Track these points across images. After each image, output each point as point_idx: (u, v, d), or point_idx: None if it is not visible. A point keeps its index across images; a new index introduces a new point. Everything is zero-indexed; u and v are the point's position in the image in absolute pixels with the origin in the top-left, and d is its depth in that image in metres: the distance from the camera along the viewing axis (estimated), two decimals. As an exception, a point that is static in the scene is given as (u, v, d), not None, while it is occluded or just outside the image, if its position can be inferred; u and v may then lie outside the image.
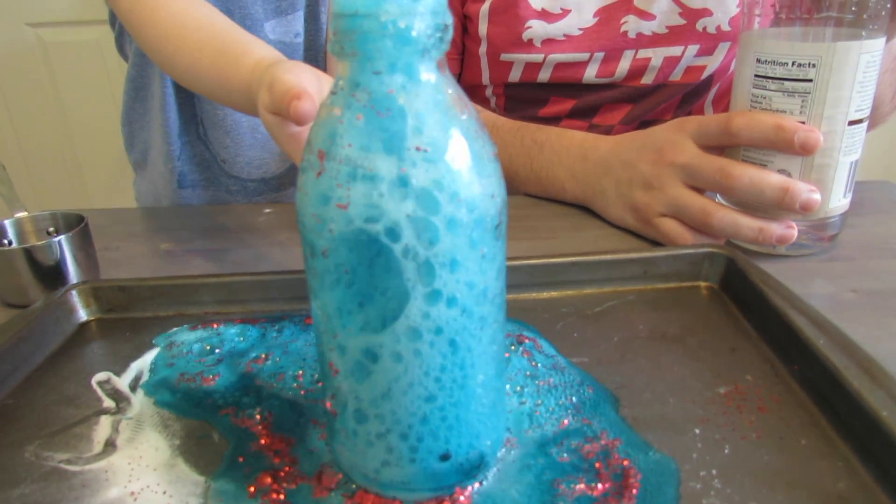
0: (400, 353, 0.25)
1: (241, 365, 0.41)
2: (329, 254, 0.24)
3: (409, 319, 0.25)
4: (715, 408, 0.35)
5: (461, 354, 0.26)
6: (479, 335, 0.26)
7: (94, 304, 0.48)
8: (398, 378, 0.26)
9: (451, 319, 0.25)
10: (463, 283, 0.25)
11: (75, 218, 0.55)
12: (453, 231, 0.24)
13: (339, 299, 0.25)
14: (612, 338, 0.42)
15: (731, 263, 0.46)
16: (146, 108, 0.76)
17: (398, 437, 0.27)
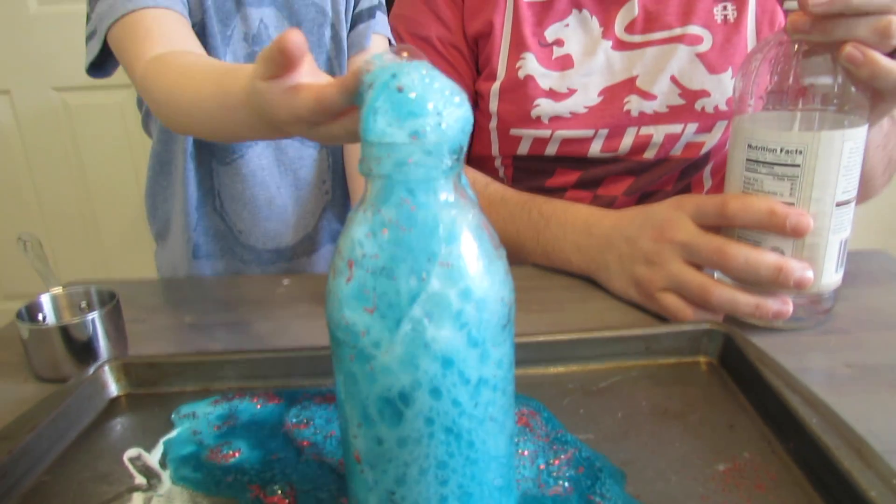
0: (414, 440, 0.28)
1: (263, 440, 0.43)
2: (355, 358, 0.27)
3: (424, 413, 0.27)
4: (714, 485, 0.37)
5: (472, 444, 0.28)
6: (490, 424, 0.29)
7: (124, 380, 0.51)
8: (414, 465, 0.28)
9: (465, 414, 0.28)
10: (476, 385, 0.27)
11: (107, 294, 0.58)
12: (466, 332, 0.27)
13: (361, 392, 0.28)
14: (617, 413, 0.44)
15: (729, 340, 0.48)
16: (169, 182, 0.80)
17: None
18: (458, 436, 0.28)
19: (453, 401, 0.27)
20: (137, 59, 0.60)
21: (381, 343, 0.26)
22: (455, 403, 0.27)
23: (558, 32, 0.79)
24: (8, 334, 0.62)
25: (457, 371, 0.27)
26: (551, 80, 0.78)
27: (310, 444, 0.42)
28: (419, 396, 0.27)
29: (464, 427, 0.28)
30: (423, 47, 0.84)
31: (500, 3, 0.80)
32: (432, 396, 0.27)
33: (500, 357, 0.28)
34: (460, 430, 0.28)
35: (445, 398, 0.27)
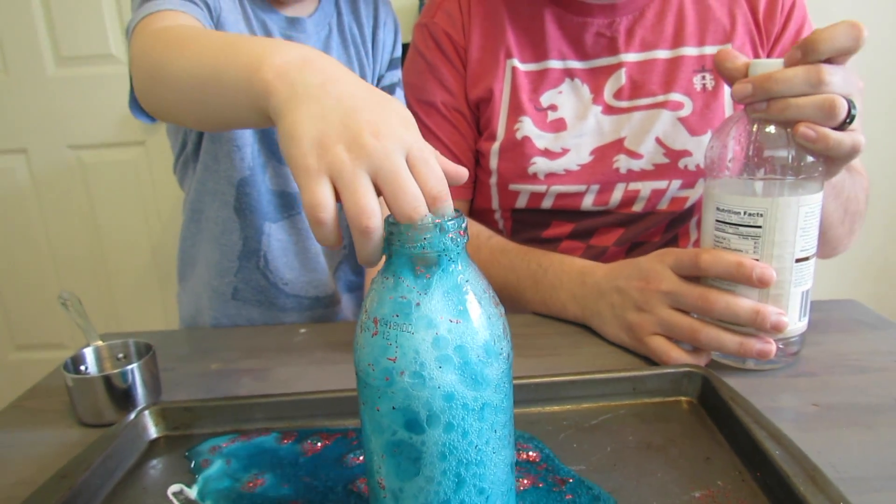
0: (431, 472, 0.33)
1: (290, 475, 0.48)
2: (381, 399, 0.33)
3: (439, 445, 0.33)
4: (690, 510, 0.42)
5: (479, 470, 0.34)
6: (493, 454, 0.35)
7: (162, 423, 0.56)
8: (430, 489, 0.34)
9: (471, 449, 0.33)
10: (481, 422, 0.33)
11: (143, 346, 0.64)
12: (471, 377, 0.32)
13: (384, 427, 0.34)
14: (606, 448, 0.49)
15: (707, 382, 0.54)
16: (199, 229, 0.85)
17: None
18: (466, 464, 0.33)
19: (463, 432, 0.33)
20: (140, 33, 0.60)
21: (401, 386, 0.32)
22: (464, 434, 0.33)
23: (552, 98, 0.87)
24: (49, 384, 0.68)
25: (463, 407, 0.32)
26: (546, 141, 0.85)
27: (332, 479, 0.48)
28: (433, 430, 0.32)
29: (471, 456, 0.33)
30: (429, 111, 0.92)
31: (500, 72, 0.87)
32: (445, 430, 0.32)
33: (501, 397, 0.34)
34: (468, 458, 0.33)
35: (456, 430, 0.32)
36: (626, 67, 0.85)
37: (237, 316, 0.87)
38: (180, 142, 0.84)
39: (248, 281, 0.85)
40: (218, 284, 0.85)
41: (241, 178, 0.80)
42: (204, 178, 0.81)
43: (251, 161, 0.79)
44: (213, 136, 0.78)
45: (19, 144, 1.72)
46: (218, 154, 0.79)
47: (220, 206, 0.82)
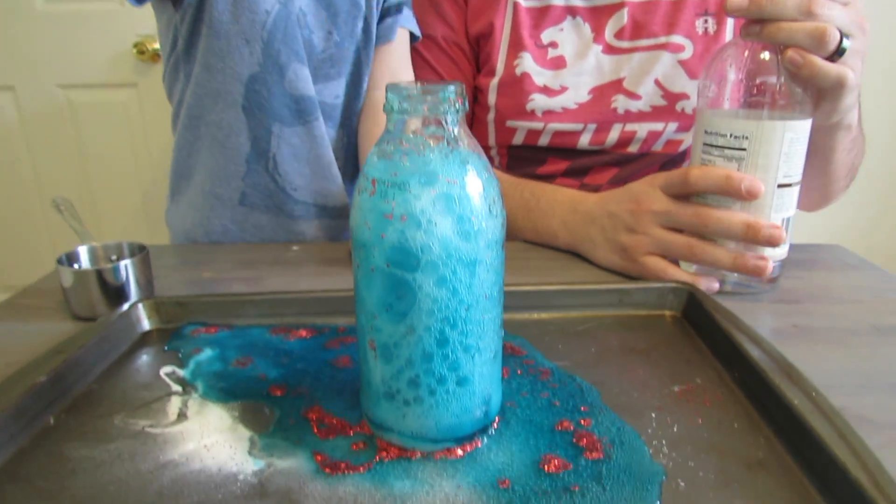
0: (421, 328, 0.34)
1: (279, 361, 0.49)
2: (376, 254, 0.34)
3: (426, 304, 0.34)
4: (669, 401, 0.44)
5: (468, 327, 0.35)
6: (481, 322, 0.36)
7: (155, 317, 0.57)
8: (420, 347, 0.35)
9: (461, 308, 0.34)
10: (472, 279, 0.34)
11: (137, 247, 0.64)
12: (467, 238, 0.33)
13: (382, 285, 0.34)
14: (591, 349, 0.51)
15: (692, 296, 0.55)
16: (198, 136, 0.83)
17: (418, 398, 0.36)
18: (454, 321, 0.34)
19: (453, 289, 0.34)
20: None
21: (396, 237, 0.33)
22: (454, 291, 0.34)
23: (553, 36, 0.87)
24: (42, 285, 0.69)
25: (457, 260, 0.33)
26: (545, 78, 0.86)
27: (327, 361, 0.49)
28: (426, 279, 0.33)
29: (460, 314, 0.34)
30: (429, 45, 0.92)
31: (501, 7, 0.87)
32: (437, 283, 0.33)
33: (493, 257, 0.35)
34: (457, 316, 0.34)
35: (448, 285, 0.33)
36: (628, 7, 0.85)
37: (245, 222, 0.86)
38: (171, 40, 0.81)
39: (257, 185, 0.84)
40: (223, 191, 0.84)
41: (250, 74, 0.78)
42: (204, 79, 0.79)
43: (261, 56, 0.77)
44: (217, 32, 0.76)
45: (6, 81, 1.68)
46: (224, 50, 0.76)
47: (224, 107, 0.80)
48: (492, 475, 0.36)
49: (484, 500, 0.34)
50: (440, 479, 0.36)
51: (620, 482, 0.35)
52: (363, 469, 0.37)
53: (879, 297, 0.63)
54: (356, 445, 0.39)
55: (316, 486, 0.36)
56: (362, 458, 0.38)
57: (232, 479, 0.37)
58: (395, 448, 0.38)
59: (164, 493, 0.36)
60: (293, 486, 0.36)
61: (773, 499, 0.35)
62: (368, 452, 0.38)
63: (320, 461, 0.38)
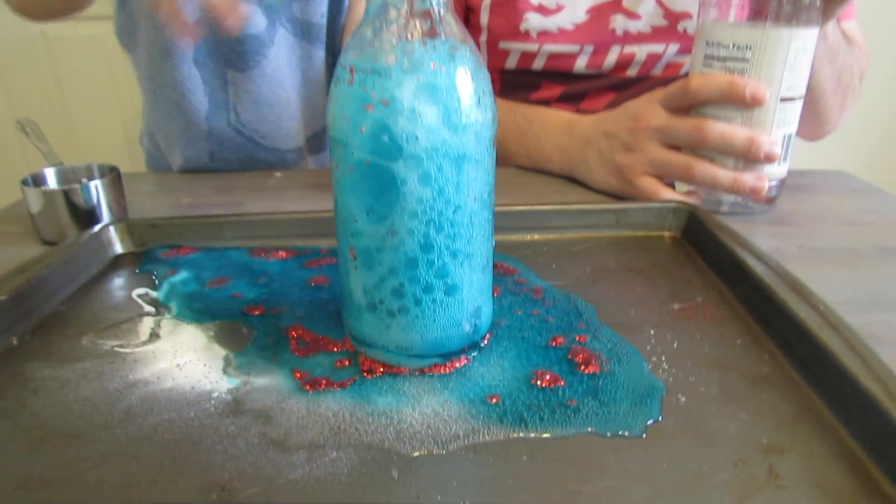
0: (405, 231, 0.32)
1: (257, 282, 0.47)
2: (355, 150, 0.31)
3: (409, 204, 0.31)
4: (669, 318, 0.42)
5: (456, 231, 0.32)
6: (471, 220, 0.33)
7: (128, 239, 0.54)
8: (403, 252, 0.32)
9: (447, 209, 0.31)
10: (459, 176, 0.31)
11: (108, 168, 0.61)
12: (455, 130, 0.30)
13: (361, 186, 0.31)
14: (586, 269, 0.48)
15: (692, 216, 0.53)
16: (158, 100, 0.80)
17: (403, 309, 0.33)
18: (440, 222, 0.32)
19: (439, 189, 0.31)
20: None
21: (378, 129, 0.30)
22: (441, 191, 0.31)
23: None
24: (10, 211, 0.65)
25: (443, 155, 0.30)
26: None
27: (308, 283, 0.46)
28: (409, 174, 0.30)
29: (447, 215, 0.32)
30: None
31: None
32: (421, 181, 0.30)
33: (483, 154, 0.32)
34: (443, 217, 0.32)
35: (433, 184, 0.31)
36: None
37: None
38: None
39: (223, 142, 0.81)
40: (192, 153, 0.81)
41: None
42: (154, 36, 0.74)
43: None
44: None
45: (-25, 17, 1.61)
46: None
47: (175, 65, 0.75)
48: (481, 391, 0.34)
49: (473, 413, 0.32)
50: (426, 394, 0.34)
51: (618, 397, 0.33)
52: (345, 385, 0.35)
53: (886, 219, 0.60)
54: (339, 363, 0.37)
55: (294, 403, 0.33)
56: (344, 375, 0.35)
57: (206, 396, 0.34)
58: (379, 365, 0.36)
59: (132, 410, 0.33)
60: (270, 403, 0.34)
61: (777, 413, 0.33)
62: (351, 369, 0.36)
63: (300, 378, 0.35)
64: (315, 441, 0.31)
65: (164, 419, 0.33)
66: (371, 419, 0.32)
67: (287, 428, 0.32)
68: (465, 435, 0.31)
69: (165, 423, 0.32)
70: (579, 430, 0.31)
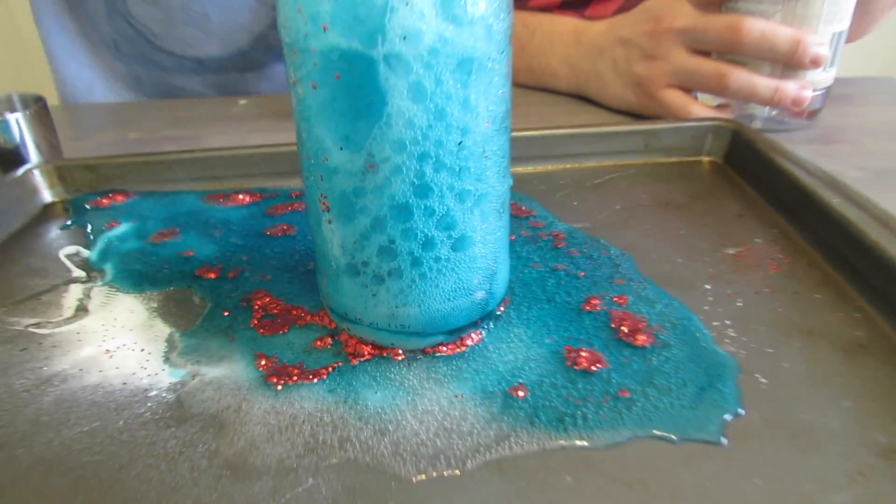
0: (391, 168, 0.23)
1: (214, 232, 0.38)
2: (318, 57, 0.21)
3: (396, 129, 0.22)
4: (725, 266, 0.33)
5: (463, 165, 0.24)
6: (483, 150, 0.24)
7: (59, 185, 0.45)
8: (391, 197, 0.23)
9: (453, 129, 0.23)
10: (465, 89, 0.22)
11: (32, 98, 0.50)
12: (459, 22, 0.21)
13: (331, 107, 0.22)
14: (615, 205, 0.40)
15: (737, 136, 0.44)
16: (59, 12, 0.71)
17: (395, 272, 0.25)
18: (439, 159, 0.23)
19: (437, 111, 0.22)
20: None
21: (348, 28, 0.21)
22: (440, 113, 0.22)
23: None
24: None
25: (443, 56, 0.21)
26: None
27: (275, 234, 0.37)
28: (395, 93, 0.21)
29: (448, 144, 0.23)
30: None
31: None
32: (414, 96, 0.21)
33: (496, 55, 0.23)
34: (445, 148, 0.23)
35: (429, 101, 0.22)
36: None
37: (126, 76, 0.74)
38: None
39: (121, 31, 0.71)
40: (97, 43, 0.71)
41: None
42: None
43: None
44: None
45: None
46: None
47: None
48: (502, 379, 0.26)
49: (494, 413, 0.24)
50: (430, 386, 0.26)
51: (681, 381, 0.26)
52: (323, 375, 0.26)
53: (952, 132, 0.52)
54: (316, 343, 0.28)
55: (257, 405, 0.25)
56: (322, 360, 0.27)
57: (140, 396, 0.26)
58: (366, 345, 0.28)
59: (41, 420, 0.25)
60: (225, 404, 0.25)
61: (890, 396, 0.25)
62: (331, 352, 0.28)
63: (264, 367, 0.27)
64: (284, 462, 0.23)
65: (82, 432, 0.24)
66: (359, 426, 0.24)
67: (247, 442, 0.24)
68: (485, 446, 0.23)
69: (84, 437, 0.24)
70: (638, 432, 0.23)
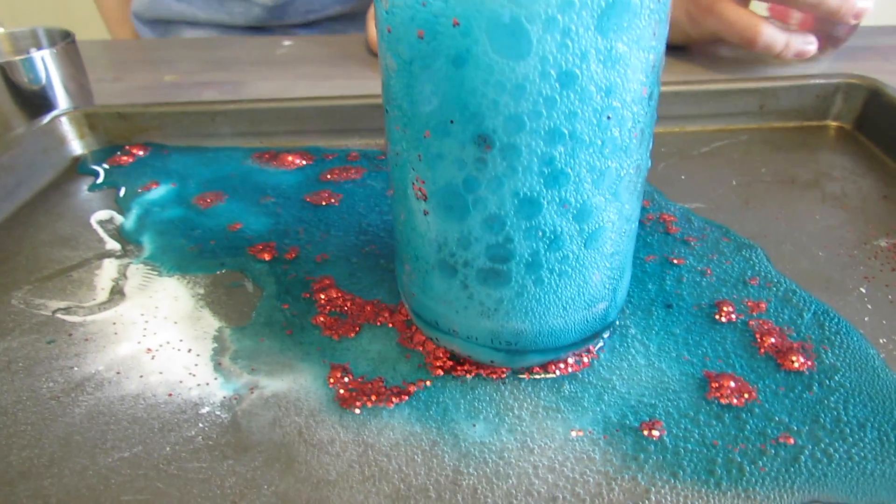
0: (517, 151, 0.17)
1: (268, 200, 0.33)
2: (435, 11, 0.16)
3: (533, 101, 0.16)
4: (879, 262, 0.28)
5: (607, 146, 0.18)
6: (631, 128, 0.18)
7: (89, 135, 0.40)
8: (512, 185, 0.18)
9: (595, 98, 0.17)
10: (614, 48, 0.16)
11: (59, 34, 0.45)
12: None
13: (439, 75, 0.17)
14: (730, 181, 0.34)
15: (874, 96, 0.37)
16: None
17: (504, 276, 0.20)
18: (578, 134, 0.17)
19: (576, 74, 0.16)
20: None
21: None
22: (581, 79, 0.16)
23: None
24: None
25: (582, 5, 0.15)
26: None
27: (334, 203, 0.33)
28: (531, 59, 0.16)
29: (589, 116, 0.17)
30: None
31: None
32: (546, 61, 0.16)
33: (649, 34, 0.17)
34: (586, 122, 0.17)
35: (568, 62, 0.16)
36: None
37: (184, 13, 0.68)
38: None
39: None
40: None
41: None
42: None
43: None
44: None
45: None
46: None
47: None
48: (628, 411, 0.21)
49: (625, 460, 0.20)
50: (540, 420, 0.21)
51: (857, 422, 0.20)
52: (404, 397, 0.22)
53: None
54: (398, 353, 0.24)
55: (331, 432, 0.21)
56: (405, 375, 0.23)
57: (190, 413, 0.22)
58: (460, 361, 0.23)
59: (71, 439, 0.21)
60: (293, 430, 0.21)
61: None
62: (413, 366, 0.23)
63: (336, 382, 0.23)
64: (368, 516, 0.18)
65: (121, 458, 0.20)
66: (457, 469, 0.20)
67: (322, 486, 0.19)
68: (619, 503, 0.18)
69: (124, 466, 0.20)
70: (811, 494, 0.18)
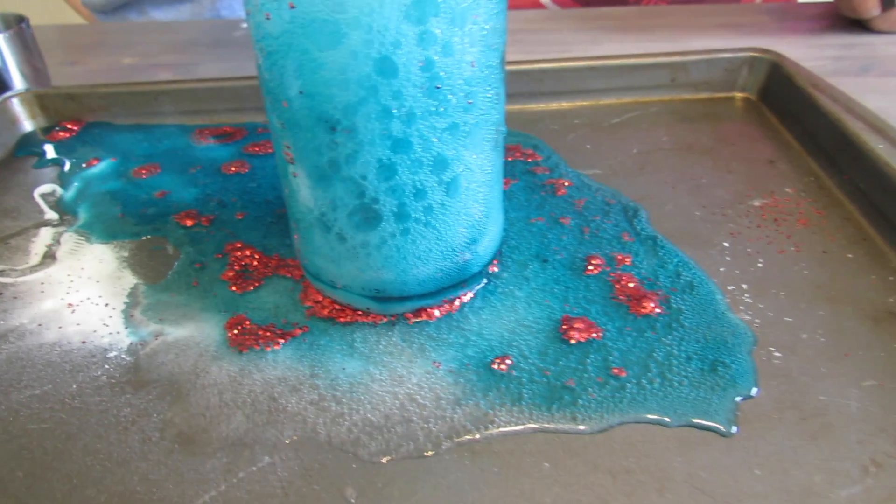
0: (363, 114, 0.20)
1: (195, 170, 0.35)
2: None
3: (366, 66, 0.19)
4: (747, 220, 0.30)
5: (447, 102, 0.20)
6: (475, 96, 0.21)
7: (40, 114, 0.42)
8: (365, 160, 0.20)
9: (440, 66, 0.19)
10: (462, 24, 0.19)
11: (13, 18, 0.47)
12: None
13: (291, 46, 0.19)
14: (632, 149, 0.36)
15: (776, 70, 0.39)
16: None
17: (374, 228, 0.22)
18: (428, 88, 0.20)
19: (422, 35, 0.18)
20: None
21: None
22: (427, 37, 0.19)
23: None
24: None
25: None
26: None
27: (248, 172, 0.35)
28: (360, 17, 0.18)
29: (438, 76, 0.20)
30: None
31: None
32: (385, 32, 0.18)
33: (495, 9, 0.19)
34: (441, 79, 0.20)
35: (407, 21, 0.18)
36: None
37: None
38: None
39: None
40: None
41: None
42: None
43: None
44: None
45: None
46: None
47: None
48: (485, 349, 0.24)
49: (472, 388, 0.22)
50: (406, 355, 0.23)
51: (685, 356, 0.23)
52: (287, 338, 0.24)
53: None
54: (289, 301, 0.26)
55: (218, 372, 0.23)
56: (293, 320, 0.25)
57: (98, 357, 0.24)
58: (338, 308, 0.25)
59: (-7, 380, 0.24)
60: (185, 369, 0.24)
61: (922, 377, 0.22)
62: (301, 313, 0.26)
63: (231, 328, 0.25)
64: (240, 437, 0.21)
65: (32, 395, 0.23)
66: (325, 399, 0.22)
67: (203, 414, 0.22)
68: (460, 426, 0.21)
69: (33, 401, 0.23)
70: (630, 415, 0.21)
